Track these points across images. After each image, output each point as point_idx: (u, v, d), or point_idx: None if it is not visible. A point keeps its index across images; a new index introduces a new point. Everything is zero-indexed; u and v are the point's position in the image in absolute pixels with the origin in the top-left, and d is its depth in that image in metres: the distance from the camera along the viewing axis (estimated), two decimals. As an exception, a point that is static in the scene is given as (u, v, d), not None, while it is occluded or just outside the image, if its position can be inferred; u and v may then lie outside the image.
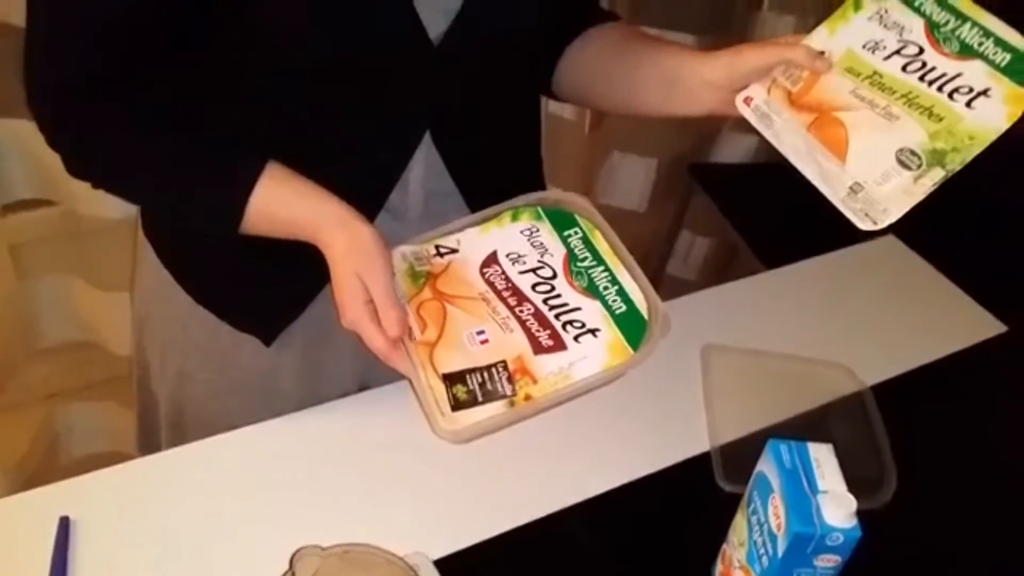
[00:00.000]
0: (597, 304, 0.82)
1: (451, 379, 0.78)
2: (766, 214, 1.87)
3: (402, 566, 0.68)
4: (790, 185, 2.15)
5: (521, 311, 0.82)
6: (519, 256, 0.85)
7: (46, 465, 1.54)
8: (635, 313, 0.81)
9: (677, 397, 0.99)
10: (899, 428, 0.96)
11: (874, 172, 0.75)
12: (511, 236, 0.87)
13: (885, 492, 0.89)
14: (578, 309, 0.82)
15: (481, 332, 0.81)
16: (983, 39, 0.75)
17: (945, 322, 1.15)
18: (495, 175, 0.91)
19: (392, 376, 0.90)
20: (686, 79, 0.82)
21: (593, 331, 0.80)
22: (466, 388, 0.77)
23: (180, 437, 0.99)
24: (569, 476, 0.89)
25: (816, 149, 0.76)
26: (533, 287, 0.83)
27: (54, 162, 1.33)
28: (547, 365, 0.79)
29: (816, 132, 0.77)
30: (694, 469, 0.91)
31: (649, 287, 0.82)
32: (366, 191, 0.83)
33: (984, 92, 0.74)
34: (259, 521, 0.82)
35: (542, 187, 1.03)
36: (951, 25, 0.77)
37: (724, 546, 0.80)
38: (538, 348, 0.79)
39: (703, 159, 1.98)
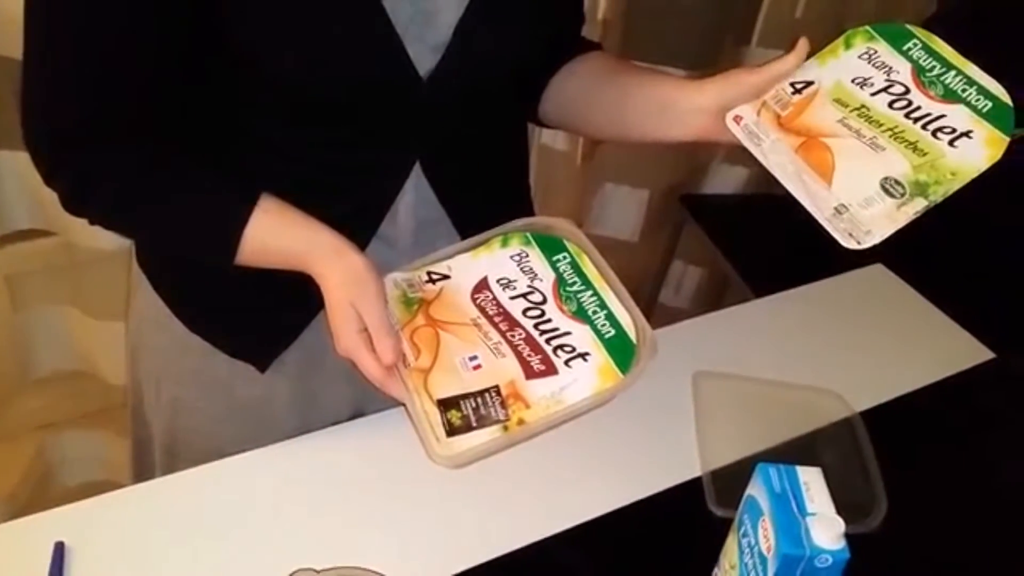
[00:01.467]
0: (587, 328, 0.83)
1: (445, 405, 0.79)
2: (757, 244, 1.89)
3: (396, 589, 0.68)
4: (781, 215, 2.16)
5: (513, 336, 0.83)
6: (509, 281, 0.86)
7: (40, 494, 1.54)
8: (623, 337, 0.82)
9: (668, 423, 1.00)
10: (888, 454, 0.97)
11: (858, 196, 0.76)
12: (501, 261, 0.88)
13: (875, 517, 0.90)
14: (568, 333, 0.83)
15: (474, 358, 0.82)
16: (967, 86, 0.78)
17: (933, 349, 1.17)
18: (485, 203, 0.93)
19: (386, 403, 0.91)
20: (678, 104, 0.83)
21: (583, 355, 0.81)
22: (460, 413, 0.78)
23: (174, 466, 0.99)
24: (560, 502, 0.90)
25: (803, 170, 0.78)
26: (524, 312, 0.84)
27: (51, 194, 1.35)
28: (539, 390, 0.80)
29: (803, 154, 0.78)
30: (685, 494, 0.91)
31: (636, 310, 0.83)
32: (357, 221, 0.85)
33: (966, 134, 0.77)
34: (253, 547, 0.82)
35: (531, 213, 1.05)
36: (937, 71, 0.80)
37: (715, 570, 0.81)
38: (530, 373, 0.80)
39: (694, 190, 2.00)
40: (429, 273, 0.87)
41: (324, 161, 0.83)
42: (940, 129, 0.77)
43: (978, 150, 0.76)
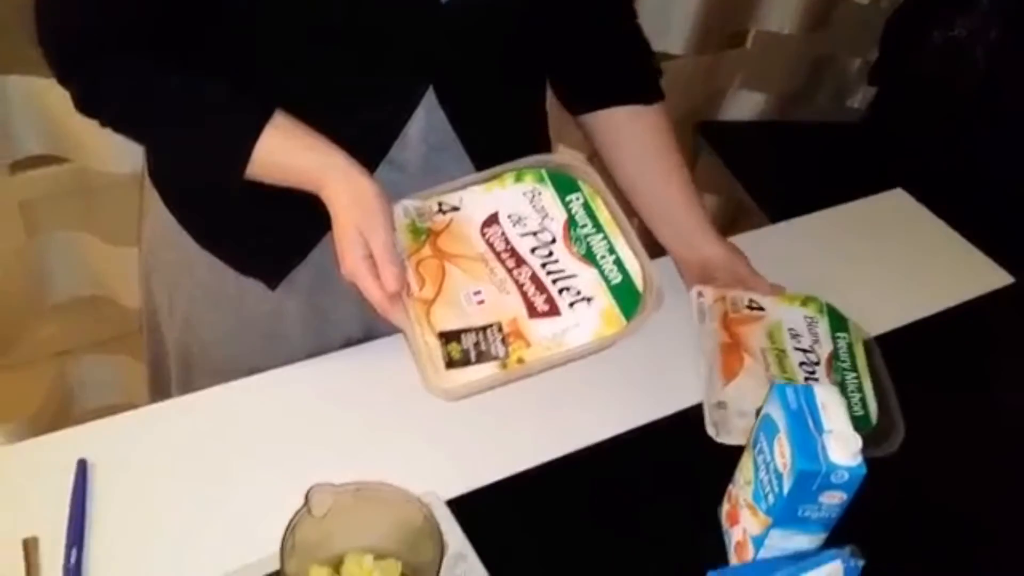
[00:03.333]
0: (594, 272, 0.82)
1: (446, 337, 0.79)
2: (774, 171, 1.87)
3: (416, 503, 0.69)
4: (798, 143, 2.16)
5: (518, 274, 0.82)
6: (520, 218, 0.85)
7: (60, 418, 1.56)
8: (630, 284, 0.81)
9: (676, 349, 1.00)
10: (905, 378, 0.97)
11: (737, 406, 0.89)
12: (513, 197, 0.86)
13: (893, 442, 0.90)
14: (574, 276, 0.82)
15: (478, 292, 0.81)
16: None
17: (953, 274, 1.16)
18: (498, 131, 0.92)
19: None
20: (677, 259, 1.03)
21: (588, 299, 0.81)
22: (460, 347, 0.78)
23: (189, 380, 1.01)
24: (564, 426, 0.90)
25: (716, 361, 0.94)
26: (532, 250, 0.83)
27: (65, 118, 1.34)
28: (541, 330, 0.79)
29: (723, 352, 0.94)
30: (687, 421, 0.91)
31: (646, 258, 0.83)
32: (367, 143, 0.84)
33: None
34: (273, 464, 0.83)
35: (547, 143, 1.04)
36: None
37: (730, 487, 0.81)
38: (533, 312, 0.80)
39: (710, 117, 1.97)
40: (440, 203, 0.86)
41: (336, 83, 0.82)
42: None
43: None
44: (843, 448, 0.68)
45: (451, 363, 0.77)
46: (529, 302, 0.80)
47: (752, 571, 0.63)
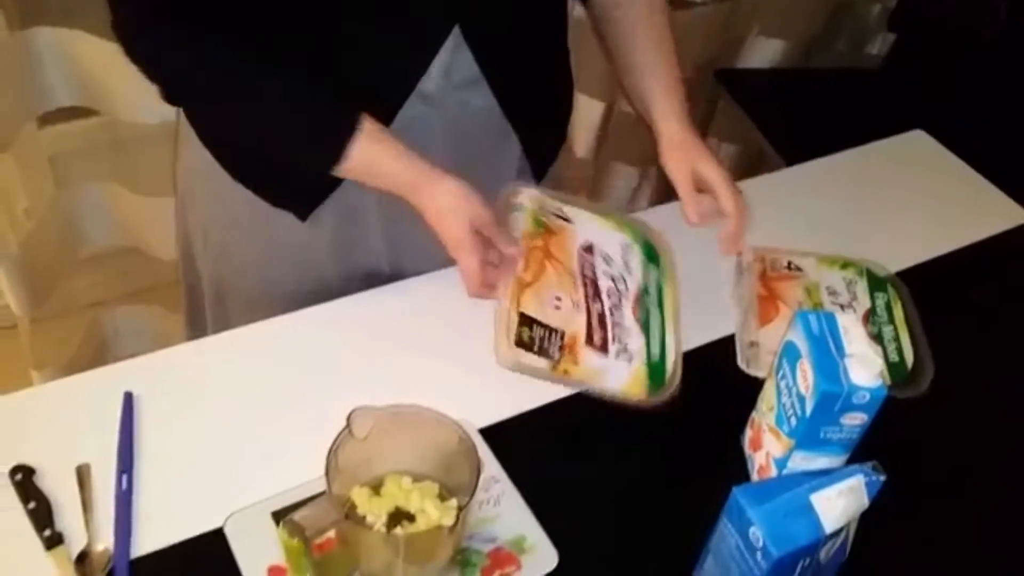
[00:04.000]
0: (643, 340, 0.90)
1: (524, 320, 0.86)
2: (793, 119, 1.87)
3: (451, 425, 0.72)
4: (817, 90, 2.14)
5: (592, 303, 0.90)
6: (611, 261, 0.94)
7: (96, 366, 1.60)
8: (662, 367, 0.90)
9: (703, 285, 1.02)
10: (927, 313, 0.99)
11: (770, 346, 0.91)
12: (612, 240, 0.97)
13: (922, 383, 0.92)
14: (628, 333, 0.90)
15: (559, 299, 0.89)
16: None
17: (973, 212, 1.17)
18: (521, 66, 0.94)
19: (421, 258, 0.94)
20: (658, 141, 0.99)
21: (630, 357, 0.88)
22: (530, 334, 0.86)
23: (223, 310, 1.04)
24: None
25: (752, 307, 0.98)
26: (607, 292, 0.91)
27: (94, 70, 1.36)
28: (589, 358, 0.87)
29: (759, 302, 0.99)
30: (715, 353, 0.94)
31: (680, 355, 0.91)
32: (394, 80, 0.87)
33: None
34: (311, 395, 0.86)
35: (569, 80, 1.05)
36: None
37: (753, 414, 0.84)
38: (589, 340, 0.88)
39: (729, 64, 1.97)
40: (560, 210, 0.95)
41: (366, 20, 0.84)
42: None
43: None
44: (864, 370, 0.70)
45: (520, 342, 0.85)
46: (590, 330, 0.88)
47: (776, 485, 0.65)
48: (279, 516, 0.73)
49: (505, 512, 0.78)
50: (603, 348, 0.88)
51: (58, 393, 0.86)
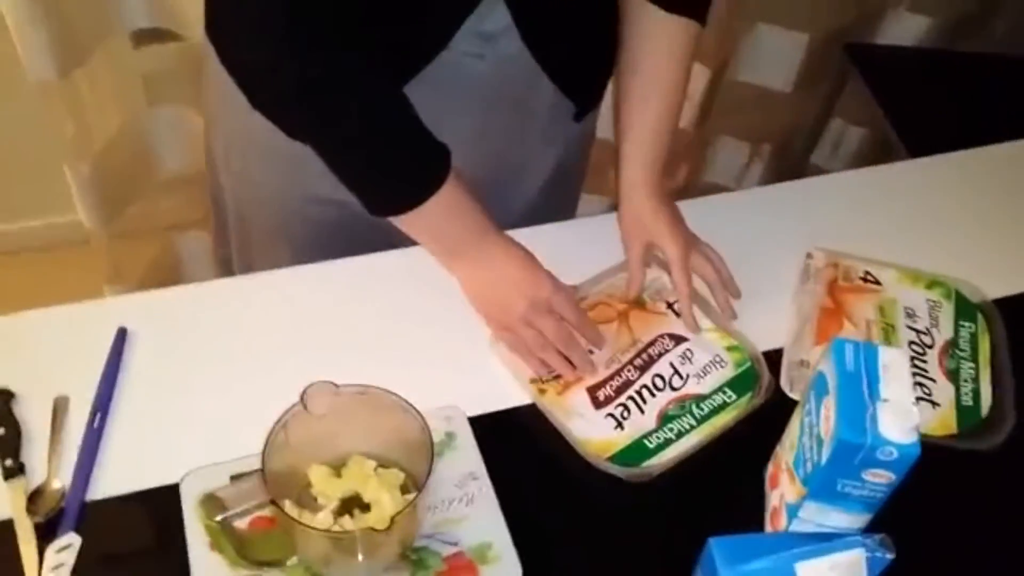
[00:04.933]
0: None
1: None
2: (927, 107, 1.67)
3: (414, 414, 0.65)
4: (963, 77, 1.92)
5: (627, 371, 0.83)
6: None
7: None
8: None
9: (771, 289, 0.91)
10: (1020, 356, 0.85)
11: None
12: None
13: (998, 435, 0.79)
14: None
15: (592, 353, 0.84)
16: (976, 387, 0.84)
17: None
18: (555, 15, 0.86)
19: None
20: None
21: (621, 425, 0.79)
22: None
23: (246, 236, 1.01)
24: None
25: (811, 320, 0.87)
26: (655, 380, 0.82)
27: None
28: (575, 399, 0.80)
29: (821, 314, 0.88)
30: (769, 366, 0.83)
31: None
32: (428, 35, 0.81)
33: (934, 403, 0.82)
34: (306, 356, 0.81)
35: (611, 31, 0.95)
36: (968, 347, 0.87)
37: (778, 447, 0.74)
38: (592, 389, 0.81)
39: (863, 38, 1.77)
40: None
41: None
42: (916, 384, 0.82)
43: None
44: (897, 421, 0.59)
45: None
46: (600, 384, 0.82)
47: (760, 543, 0.56)
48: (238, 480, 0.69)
49: (475, 514, 0.71)
50: (598, 403, 0.80)
51: (54, 321, 0.84)
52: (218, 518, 0.58)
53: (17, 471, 0.72)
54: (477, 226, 0.81)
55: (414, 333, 0.85)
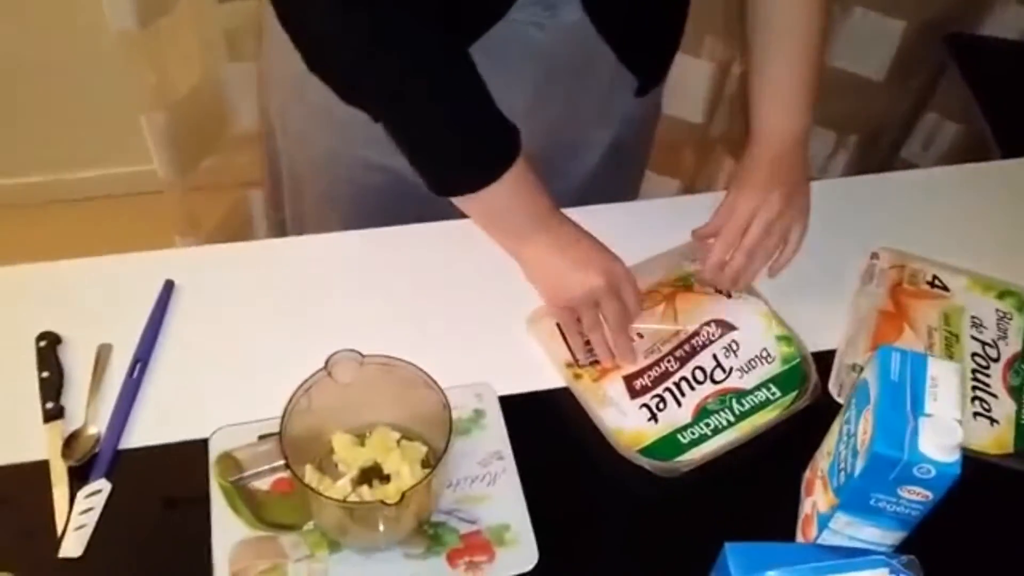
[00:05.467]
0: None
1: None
2: (1029, 106, 1.57)
3: (436, 390, 0.64)
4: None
5: (667, 361, 0.80)
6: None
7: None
8: None
9: (823, 285, 0.87)
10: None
11: None
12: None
13: None
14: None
15: (640, 336, 0.81)
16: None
17: None
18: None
19: None
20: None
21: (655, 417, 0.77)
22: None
23: (299, 197, 1.01)
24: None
25: (868, 324, 0.83)
26: (695, 372, 0.80)
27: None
28: (612, 387, 0.78)
29: (880, 317, 0.83)
30: (819, 368, 0.80)
31: None
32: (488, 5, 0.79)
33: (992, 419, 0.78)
34: (347, 321, 0.81)
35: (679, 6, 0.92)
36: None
37: (817, 453, 0.70)
38: (629, 378, 0.79)
39: (965, 29, 1.67)
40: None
41: None
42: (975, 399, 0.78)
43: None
44: (939, 439, 0.55)
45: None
46: (638, 374, 0.79)
47: (779, 553, 0.53)
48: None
49: (497, 495, 0.70)
50: (634, 392, 0.78)
51: (106, 269, 0.86)
52: (232, 479, 0.58)
53: (57, 414, 0.74)
54: (543, 209, 0.78)
55: (454, 306, 0.84)
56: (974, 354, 0.81)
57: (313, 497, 0.61)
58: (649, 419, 0.76)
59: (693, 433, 0.75)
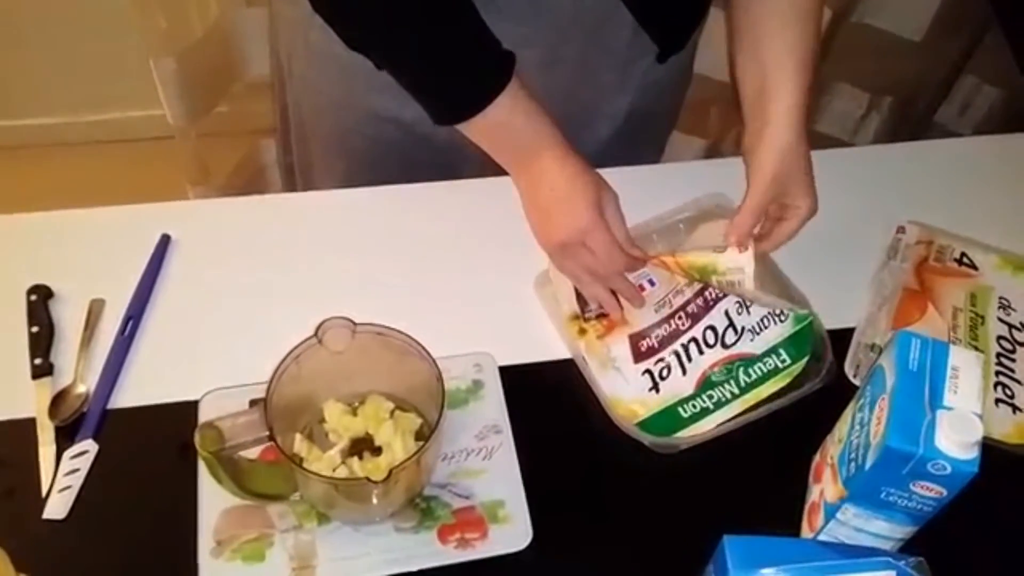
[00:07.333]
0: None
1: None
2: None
3: (431, 364, 0.61)
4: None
5: (676, 319, 0.77)
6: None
7: (249, 191, 1.62)
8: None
9: (850, 262, 0.83)
10: None
11: None
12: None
13: None
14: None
15: (652, 282, 0.78)
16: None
17: None
18: None
19: (476, 164, 0.81)
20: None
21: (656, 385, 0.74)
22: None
23: (304, 142, 0.99)
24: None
25: (890, 301, 0.80)
26: (697, 333, 0.76)
27: None
28: (617, 347, 0.75)
29: (904, 295, 0.80)
30: (836, 347, 0.76)
31: None
32: None
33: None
34: (337, 283, 0.79)
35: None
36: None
37: (827, 438, 0.67)
38: (634, 338, 0.76)
39: (1012, -13, 1.60)
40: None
41: None
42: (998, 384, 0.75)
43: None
44: (957, 434, 0.52)
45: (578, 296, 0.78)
46: (645, 332, 0.76)
47: (780, 548, 0.50)
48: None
49: (493, 469, 0.68)
50: (639, 354, 0.75)
51: (101, 221, 0.83)
52: (213, 449, 0.56)
53: (46, 371, 0.72)
54: (538, 135, 0.73)
55: (457, 272, 0.81)
56: (1000, 337, 0.78)
57: (298, 470, 0.59)
58: (650, 388, 0.73)
59: (695, 406, 0.72)
